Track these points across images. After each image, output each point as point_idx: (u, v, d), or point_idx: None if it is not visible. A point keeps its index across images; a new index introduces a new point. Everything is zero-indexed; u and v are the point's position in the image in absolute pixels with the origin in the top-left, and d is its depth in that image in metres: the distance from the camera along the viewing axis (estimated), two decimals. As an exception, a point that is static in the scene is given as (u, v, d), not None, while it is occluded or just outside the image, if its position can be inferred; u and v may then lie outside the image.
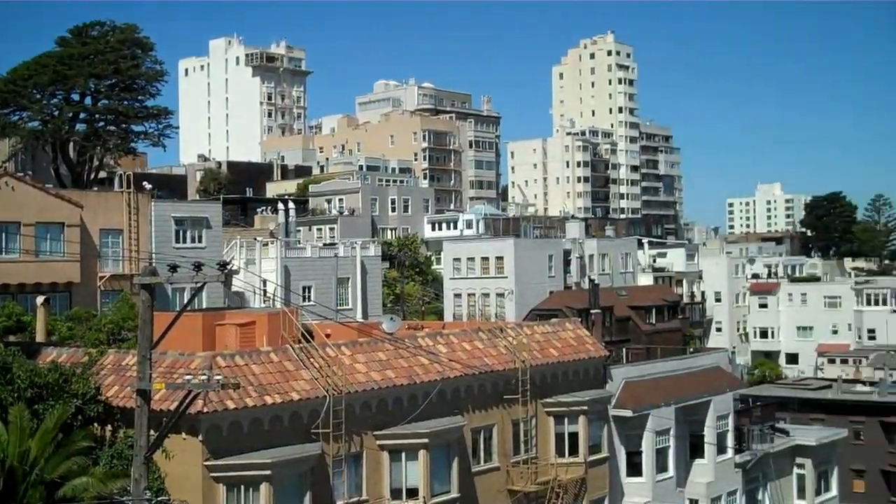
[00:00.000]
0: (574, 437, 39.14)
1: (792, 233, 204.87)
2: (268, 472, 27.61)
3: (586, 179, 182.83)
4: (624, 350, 54.35)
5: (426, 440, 32.29)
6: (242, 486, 27.60)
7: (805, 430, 58.94)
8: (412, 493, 32.19)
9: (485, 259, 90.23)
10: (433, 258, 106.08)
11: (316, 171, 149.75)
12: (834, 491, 56.35)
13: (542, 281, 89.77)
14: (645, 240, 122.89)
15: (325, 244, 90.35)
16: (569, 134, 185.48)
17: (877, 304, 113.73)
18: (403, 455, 32.25)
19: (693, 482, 46.40)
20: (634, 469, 43.59)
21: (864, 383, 79.20)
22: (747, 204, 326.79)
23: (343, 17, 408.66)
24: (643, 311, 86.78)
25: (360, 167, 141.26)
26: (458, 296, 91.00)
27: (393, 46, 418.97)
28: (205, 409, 26.76)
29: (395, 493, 32.19)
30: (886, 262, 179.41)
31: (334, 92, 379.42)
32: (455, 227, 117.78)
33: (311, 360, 31.12)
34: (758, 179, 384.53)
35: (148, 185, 63.70)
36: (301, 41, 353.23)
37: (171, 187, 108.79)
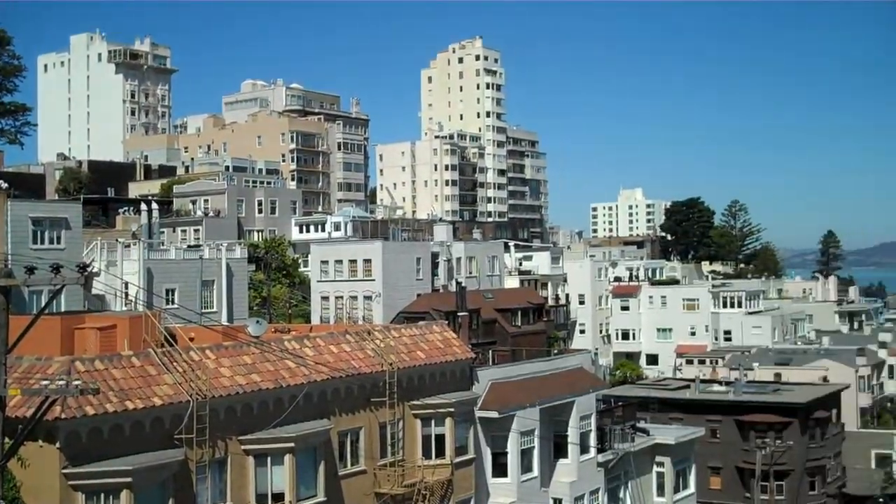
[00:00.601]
0: (441, 438, 39.38)
1: (652, 237, 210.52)
2: (128, 480, 26.97)
3: (454, 183, 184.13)
4: (490, 352, 54.87)
5: (292, 444, 32.04)
6: (102, 494, 26.88)
7: (664, 429, 60.49)
8: (278, 497, 31.90)
9: (353, 262, 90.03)
10: (300, 261, 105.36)
11: (180, 171, 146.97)
12: (692, 488, 57.99)
13: (409, 283, 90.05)
14: (511, 243, 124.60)
15: (189, 246, 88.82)
16: (437, 137, 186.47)
17: (732, 306, 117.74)
18: (269, 460, 31.93)
19: (557, 482, 47.15)
20: (500, 470, 44.08)
21: (720, 383, 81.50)
22: (610, 209, 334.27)
23: (210, 15, 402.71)
24: (509, 313, 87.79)
25: (227, 168, 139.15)
26: (325, 298, 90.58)
27: (261, 46, 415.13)
28: (63, 416, 25.98)
29: (261, 499, 31.83)
30: (742, 265, 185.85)
31: (200, 91, 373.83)
32: (323, 230, 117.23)
33: (175, 364, 30.54)
34: (620, 185, 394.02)
35: (4, 184, 61.52)
36: (166, 39, 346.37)
37: (28, 186, 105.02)
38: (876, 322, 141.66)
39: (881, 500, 76.09)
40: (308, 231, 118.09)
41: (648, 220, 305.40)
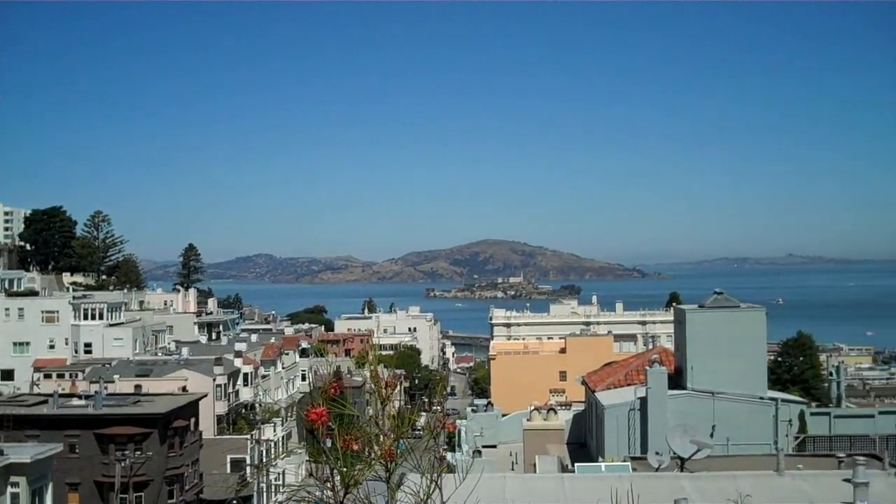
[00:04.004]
0: None
1: (11, 246, 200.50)
2: None
3: None
4: None
5: None
6: None
7: (20, 447, 57.94)
8: None
9: None
10: None
11: None
12: (48, 506, 56.32)
13: None
14: None
15: None
16: None
17: (94, 318, 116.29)
18: None
19: None
20: None
21: (79, 397, 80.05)
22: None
23: None
24: None
25: None
26: None
27: None
28: None
29: None
30: (104, 277, 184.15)
31: None
32: None
33: None
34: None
35: None
36: None
37: None
38: (233, 332, 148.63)
39: (235, 501, 79.95)
40: None
41: (7, 229, 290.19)
